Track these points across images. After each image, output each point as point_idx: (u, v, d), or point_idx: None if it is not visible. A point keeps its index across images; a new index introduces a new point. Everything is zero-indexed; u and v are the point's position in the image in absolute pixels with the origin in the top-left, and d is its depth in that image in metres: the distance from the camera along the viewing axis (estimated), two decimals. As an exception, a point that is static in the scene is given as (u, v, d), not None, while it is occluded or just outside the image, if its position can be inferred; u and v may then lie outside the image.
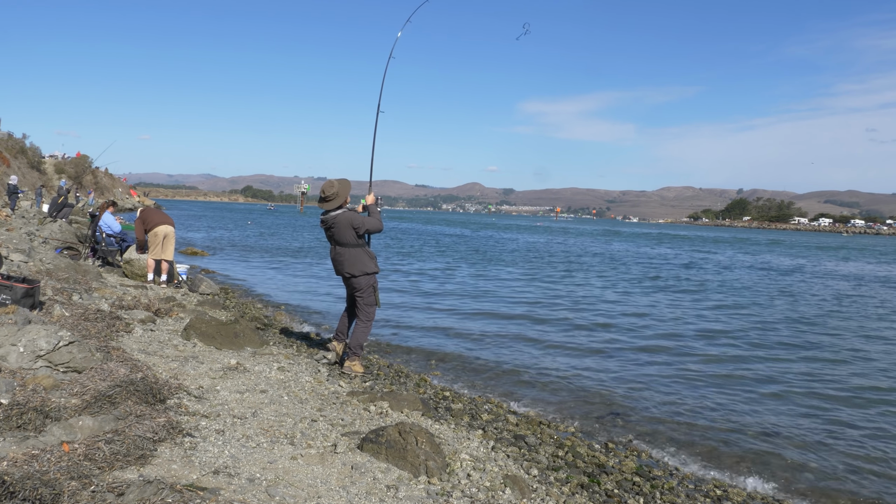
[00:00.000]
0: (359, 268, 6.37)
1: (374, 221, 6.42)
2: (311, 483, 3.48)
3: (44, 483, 2.74)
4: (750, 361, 8.92)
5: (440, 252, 29.17)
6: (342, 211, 6.37)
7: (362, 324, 6.51)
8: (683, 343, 10.03)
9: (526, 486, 4.03)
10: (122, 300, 7.95)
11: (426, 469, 3.86)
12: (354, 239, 6.34)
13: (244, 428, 4.16)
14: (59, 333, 4.62)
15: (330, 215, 6.39)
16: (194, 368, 5.49)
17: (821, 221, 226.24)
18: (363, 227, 6.33)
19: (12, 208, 24.98)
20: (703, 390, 7.31)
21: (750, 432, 5.98)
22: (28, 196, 36.15)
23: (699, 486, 4.78)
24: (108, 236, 12.33)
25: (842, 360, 9.24)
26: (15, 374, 4.29)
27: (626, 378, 7.69)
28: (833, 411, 6.76)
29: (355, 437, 4.28)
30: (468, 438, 4.90)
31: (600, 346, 9.49)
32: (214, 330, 6.78)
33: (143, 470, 3.20)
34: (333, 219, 6.35)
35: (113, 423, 3.64)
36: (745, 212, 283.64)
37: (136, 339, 6.24)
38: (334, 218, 6.35)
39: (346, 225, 6.29)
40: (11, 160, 42.38)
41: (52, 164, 56.79)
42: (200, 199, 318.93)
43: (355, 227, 6.30)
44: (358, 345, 6.51)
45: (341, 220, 6.31)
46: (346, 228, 6.29)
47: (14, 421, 3.52)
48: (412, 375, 7.18)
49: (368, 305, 6.48)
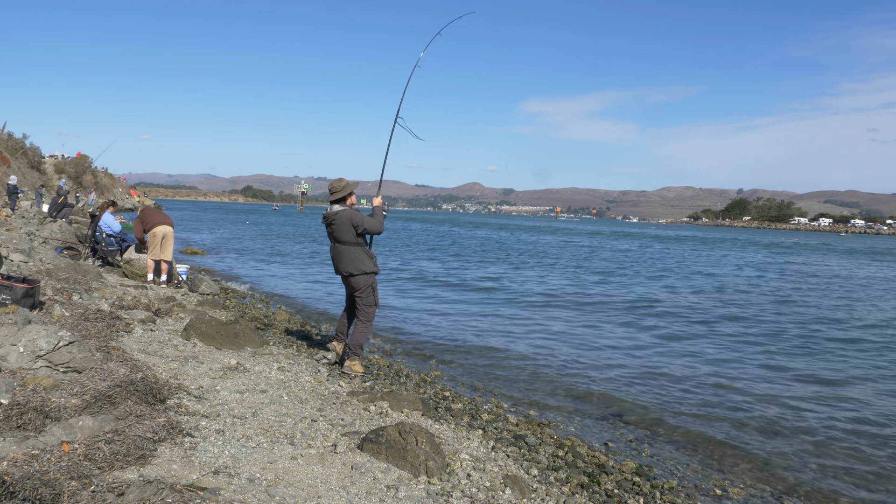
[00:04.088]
0: (357, 266, 6.36)
1: (374, 222, 6.40)
2: (311, 483, 3.48)
3: (44, 483, 2.74)
4: (751, 362, 8.92)
5: (454, 254, 29.16)
6: (344, 208, 6.36)
7: (362, 324, 6.49)
8: (683, 343, 10.02)
9: (526, 486, 4.03)
10: (122, 300, 7.94)
11: (426, 469, 3.86)
12: (353, 237, 6.33)
13: (244, 428, 4.16)
14: (59, 333, 4.62)
15: (331, 211, 6.38)
16: (194, 368, 5.49)
17: (821, 221, 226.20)
18: (362, 225, 6.32)
19: (12, 208, 24.97)
20: (704, 390, 7.31)
21: (751, 432, 5.98)
22: (28, 196, 36.14)
23: (699, 486, 4.78)
24: (108, 236, 12.33)
25: (847, 361, 9.24)
26: (15, 374, 4.29)
27: (627, 378, 7.69)
28: (834, 412, 6.76)
29: (355, 437, 4.28)
30: (468, 438, 4.90)
31: (601, 347, 9.49)
32: (214, 330, 6.77)
33: (143, 470, 3.20)
34: (334, 215, 6.35)
35: (113, 423, 3.64)
36: (745, 212, 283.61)
37: (136, 339, 6.24)
38: (335, 214, 6.34)
39: (346, 222, 6.28)
40: (11, 160, 42.37)
41: (52, 164, 56.79)
42: (200, 199, 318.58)
43: (355, 224, 6.29)
44: (357, 345, 6.49)
45: (342, 216, 6.31)
46: (345, 226, 6.29)
47: (14, 421, 3.52)
48: (412, 375, 7.18)
49: (367, 306, 6.46)
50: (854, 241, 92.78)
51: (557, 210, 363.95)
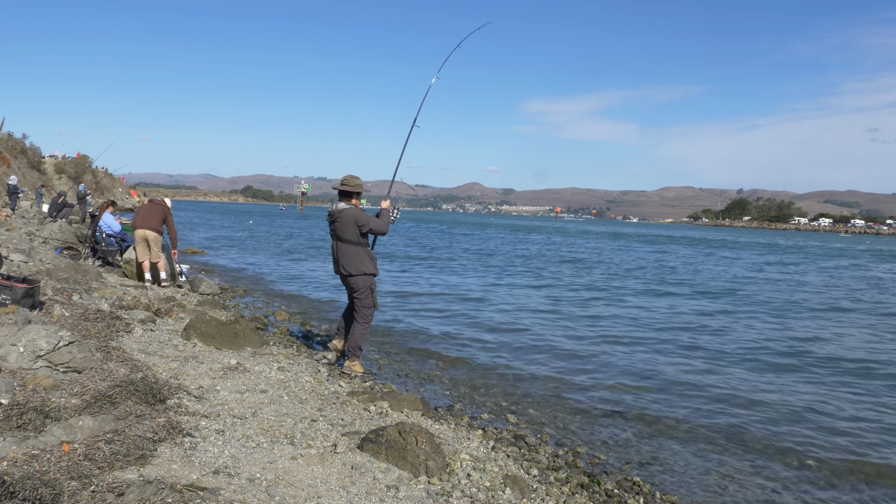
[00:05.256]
0: (356, 266, 6.33)
1: (380, 223, 6.38)
2: (311, 483, 3.48)
3: (44, 483, 2.74)
4: (752, 362, 8.92)
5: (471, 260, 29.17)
6: (349, 206, 6.34)
7: (360, 325, 6.48)
8: (685, 343, 10.02)
9: (526, 486, 4.03)
10: (122, 300, 7.95)
11: (426, 469, 3.87)
12: (357, 237, 6.30)
13: (244, 428, 4.16)
14: (59, 333, 4.62)
15: (336, 209, 6.36)
16: (194, 368, 5.49)
17: (821, 221, 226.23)
18: (367, 225, 6.30)
19: (12, 208, 24.98)
20: (704, 389, 7.30)
21: (751, 432, 5.97)
22: (28, 196, 36.15)
23: (699, 486, 4.78)
24: (108, 236, 12.33)
25: (852, 362, 9.24)
26: (15, 374, 4.29)
27: (627, 378, 7.68)
28: (835, 412, 6.75)
29: (355, 437, 4.28)
30: (468, 438, 4.90)
31: (601, 347, 9.49)
32: (214, 330, 6.78)
33: (143, 470, 3.20)
34: (339, 212, 6.33)
35: (113, 423, 3.64)
36: (745, 212, 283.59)
37: (136, 339, 6.24)
38: (340, 212, 6.32)
39: (351, 221, 6.26)
40: (11, 160, 42.37)
41: (52, 164, 56.79)
42: (200, 200, 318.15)
43: (359, 224, 6.27)
44: (356, 346, 6.48)
45: (347, 215, 6.29)
46: (349, 224, 6.27)
47: (14, 421, 3.52)
48: (412, 375, 7.18)
49: (366, 307, 6.44)
50: (869, 242, 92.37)
51: (557, 210, 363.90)
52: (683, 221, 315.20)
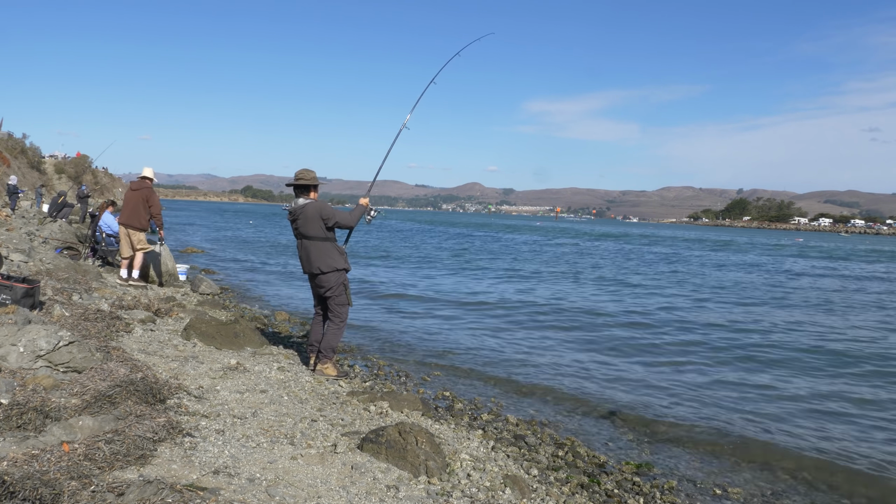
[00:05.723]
0: (327, 263, 5.95)
1: (347, 216, 6.02)
2: (311, 483, 3.48)
3: (44, 483, 2.74)
4: (753, 362, 8.91)
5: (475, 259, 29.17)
6: (310, 201, 5.98)
7: (335, 326, 6.12)
8: (685, 343, 10.02)
9: (526, 486, 4.03)
10: (122, 300, 7.95)
11: (426, 469, 3.86)
12: (322, 231, 5.94)
13: (244, 428, 4.16)
14: (59, 333, 4.62)
15: (297, 205, 5.98)
16: (194, 368, 5.49)
17: (821, 221, 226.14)
18: (333, 218, 5.92)
19: (12, 208, 24.97)
20: (704, 390, 7.30)
21: (751, 433, 5.97)
22: (28, 196, 36.15)
23: (699, 486, 4.78)
24: (107, 236, 12.33)
25: (854, 364, 9.24)
26: (15, 374, 4.29)
27: (627, 378, 7.68)
28: (836, 412, 6.75)
29: (355, 437, 4.28)
30: (468, 438, 4.90)
31: (600, 347, 9.49)
32: (214, 330, 6.78)
33: (143, 470, 3.20)
34: (301, 209, 5.94)
35: (113, 423, 3.64)
36: (745, 212, 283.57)
37: (136, 339, 6.24)
38: (302, 207, 5.94)
39: (315, 216, 5.90)
40: (11, 160, 42.37)
41: (52, 164, 56.78)
42: (200, 199, 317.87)
43: (325, 217, 5.90)
44: (330, 348, 6.14)
45: (309, 209, 5.91)
46: (313, 219, 5.90)
47: (14, 421, 3.52)
48: (412, 375, 7.18)
49: (340, 305, 6.09)
50: (869, 241, 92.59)
51: (558, 210, 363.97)
52: (683, 221, 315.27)
